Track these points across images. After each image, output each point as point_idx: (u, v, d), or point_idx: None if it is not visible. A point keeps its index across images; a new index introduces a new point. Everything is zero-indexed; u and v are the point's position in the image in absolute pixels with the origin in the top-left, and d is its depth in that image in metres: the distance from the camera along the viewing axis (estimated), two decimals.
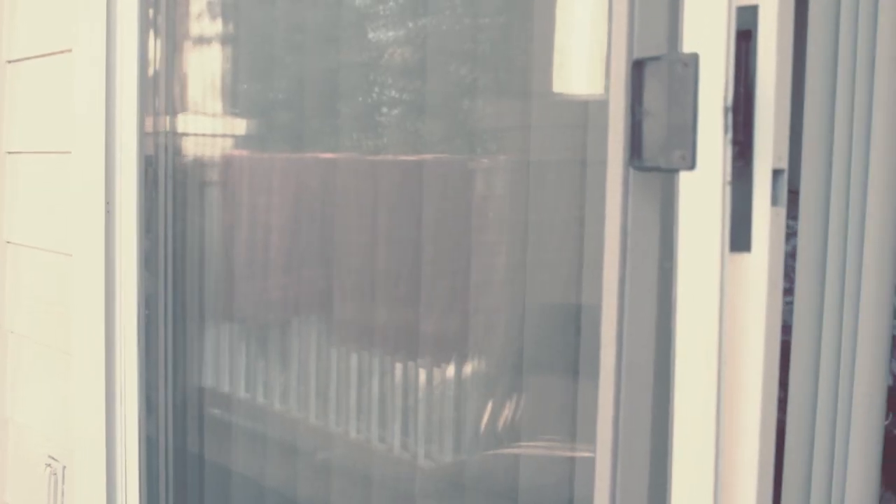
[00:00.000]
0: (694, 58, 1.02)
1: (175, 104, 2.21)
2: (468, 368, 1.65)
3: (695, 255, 1.07)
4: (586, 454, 1.25)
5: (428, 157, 1.69)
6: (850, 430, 1.06)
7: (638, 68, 1.05)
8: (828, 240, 1.08)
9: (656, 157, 1.06)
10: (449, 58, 1.64)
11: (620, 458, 1.11)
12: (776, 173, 1.01)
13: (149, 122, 2.18)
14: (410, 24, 1.74)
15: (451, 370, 1.68)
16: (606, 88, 1.16)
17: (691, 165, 1.04)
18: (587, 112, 1.32)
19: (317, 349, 1.95)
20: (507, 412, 1.58)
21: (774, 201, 1.01)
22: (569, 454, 1.35)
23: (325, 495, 1.89)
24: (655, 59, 1.04)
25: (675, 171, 1.07)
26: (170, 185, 2.17)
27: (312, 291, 1.93)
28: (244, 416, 2.09)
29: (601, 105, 1.22)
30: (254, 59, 2.08)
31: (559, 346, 1.37)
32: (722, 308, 1.04)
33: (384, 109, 1.79)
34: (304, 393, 1.96)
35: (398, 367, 1.77)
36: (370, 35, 1.79)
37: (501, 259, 1.58)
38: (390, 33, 1.78)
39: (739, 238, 1.04)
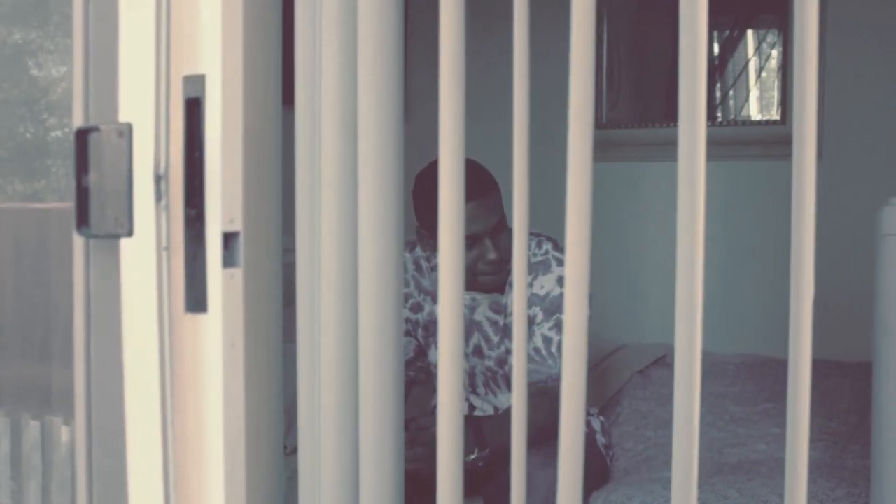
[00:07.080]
0: (128, 127, 1.00)
1: None
2: None
3: (140, 318, 1.06)
4: None
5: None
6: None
7: (82, 137, 0.99)
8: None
9: (99, 225, 1.03)
10: None
11: None
12: (228, 236, 1.02)
13: None
14: None
15: None
16: None
17: (129, 232, 1.04)
18: None
19: None
20: None
21: (227, 263, 1.03)
22: None
23: None
24: (96, 128, 0.99)
25: (116, 237, 1.04)
26: None
27: None
28: None
29: None
30: None
31: None
32: (164, 370, 1.05)
33: None
34: None
35: None
36: None
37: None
38: None
39: (195, 299, 1.04)
